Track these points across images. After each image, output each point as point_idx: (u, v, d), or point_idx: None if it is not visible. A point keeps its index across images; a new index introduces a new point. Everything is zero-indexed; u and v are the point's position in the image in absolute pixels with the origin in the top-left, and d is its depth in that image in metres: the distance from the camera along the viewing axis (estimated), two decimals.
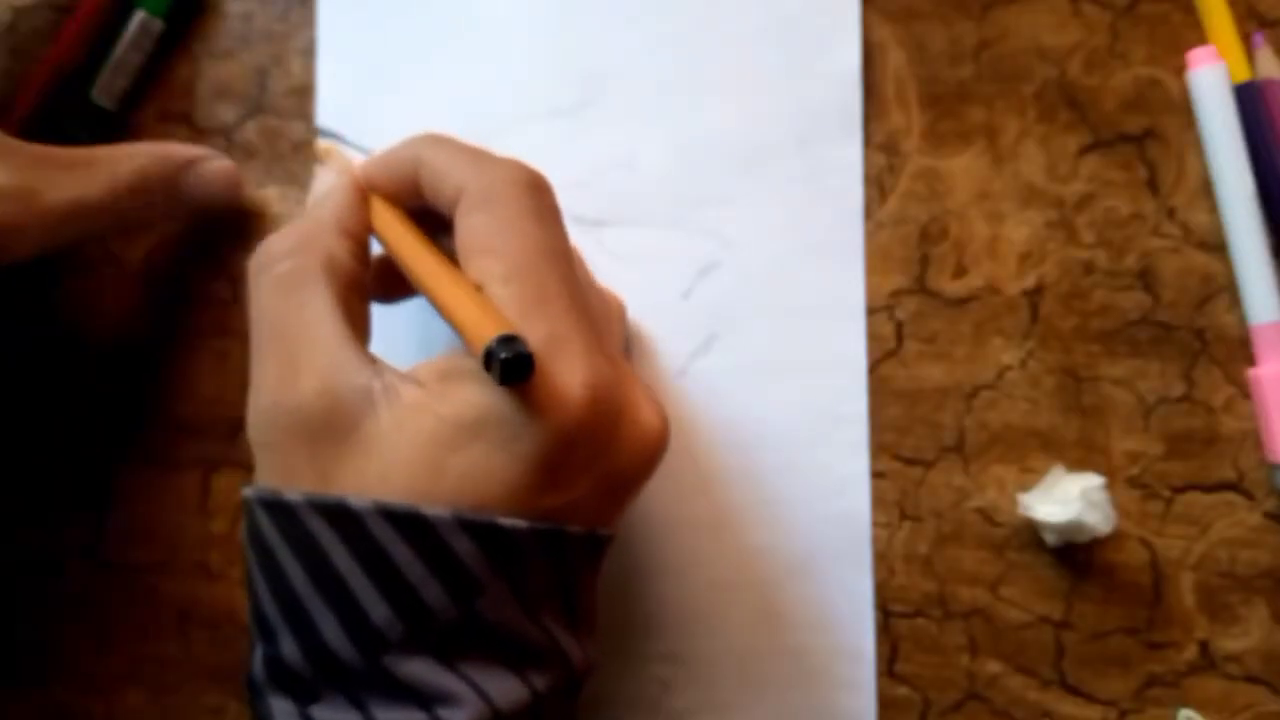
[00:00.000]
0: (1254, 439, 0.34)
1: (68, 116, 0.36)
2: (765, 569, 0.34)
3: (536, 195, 0.25)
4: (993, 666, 0.34)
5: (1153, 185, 0.35)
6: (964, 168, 0.35)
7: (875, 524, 0.35)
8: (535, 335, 0.23)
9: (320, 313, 0.25)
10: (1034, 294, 0.35)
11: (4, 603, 0.37)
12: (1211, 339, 0.34)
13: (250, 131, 0.37)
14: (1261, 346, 0.34)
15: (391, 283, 0.31)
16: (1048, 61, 0.35)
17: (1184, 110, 0.35)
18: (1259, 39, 0.35)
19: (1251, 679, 0.34)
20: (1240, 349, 0.34)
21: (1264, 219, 0.34)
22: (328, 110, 0.37)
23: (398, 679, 0.23)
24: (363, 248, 0.28)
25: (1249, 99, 0.34)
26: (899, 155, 0.35)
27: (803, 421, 0.35)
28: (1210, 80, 0.34)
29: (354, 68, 0.37)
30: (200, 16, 0.38)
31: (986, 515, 0.35)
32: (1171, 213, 0.35)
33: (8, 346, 0.37)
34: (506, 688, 0.23)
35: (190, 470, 0.36)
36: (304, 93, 0.37)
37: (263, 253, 0.26)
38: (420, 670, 0.23)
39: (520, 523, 0.23)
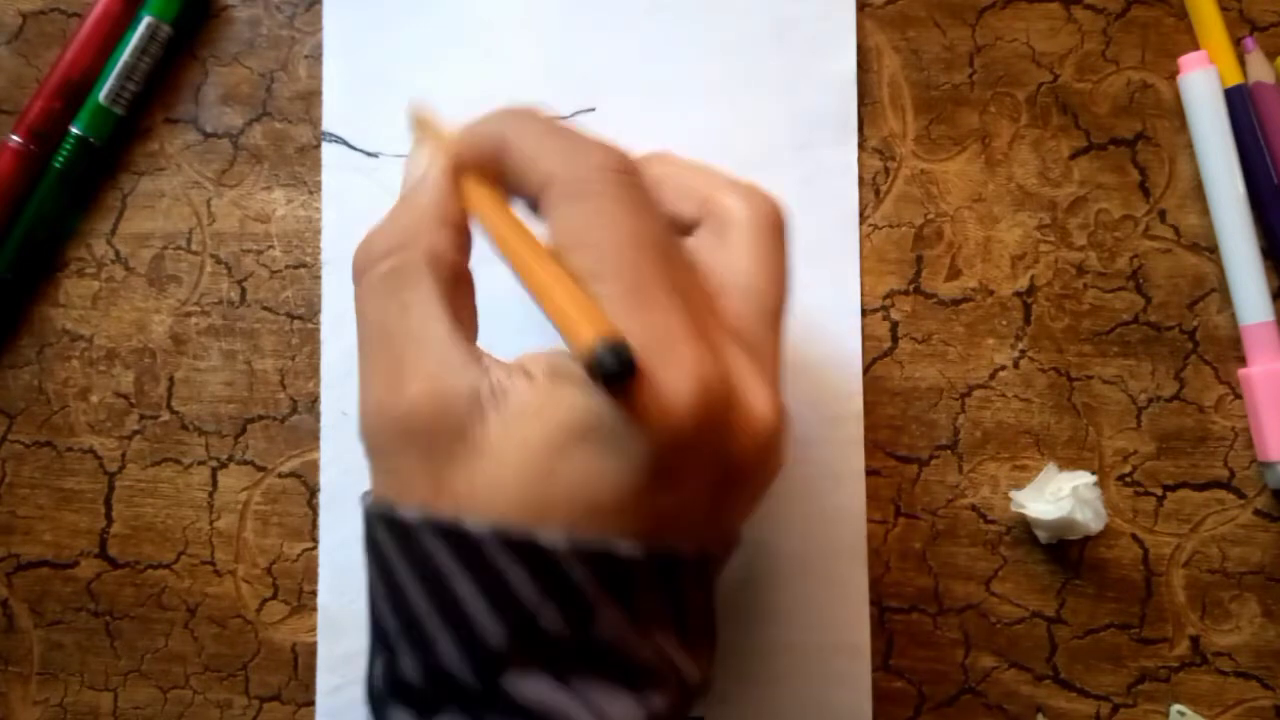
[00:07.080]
0: (1244, 438, 0.35)
1: (77, 120, 0.36)
2: (762, 565, 0.35)
3: (627, 182, 0.24)
4: (987, 661, 0.35)
5: (1144, 188, 0.35)
6: (958, 171, 0.36)
7: (871, 520, 0.35)
8: (635, 334, 0.22)
9: (426, 313, 0.24)
10: (1027, 295, 0.35)
11: (13, 597, 0.37)
12: (1202, 339, 0.35)
13: (257, 135, 0.38)
14: (1252, 346, 0.34)
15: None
16: (1041, 66, 0.36)
17: (1175, 114, 0.35)
18: (1250, 43, 0.35)
19: (1242, 674, 0.34)
20: (1231, 349, 0.35)
21: (1254, 220, 0.34)
22: (334, 114, 0.37)
23: (514, 700, 0.22)
24: (464, 236, 0.26)
25: (1239, 102, 0.35)
26: (894, 159, 0.36)
27: (800, 420, 0.35)
28: (1201, 84, 0.35)
29: (360, 72, 0.37)
30: (208, 21, 0.38)
31: (980, 512, 0.35)
32: (1163, 215, 0.35)
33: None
34: (623, 707, 0.23)
35: (198, 468, 0.37)
36: (310, 97, 0.38)
37: (364, 252, 0.25)
38: (537, 691, 0.22)
39: (636, 550, 0.22)
